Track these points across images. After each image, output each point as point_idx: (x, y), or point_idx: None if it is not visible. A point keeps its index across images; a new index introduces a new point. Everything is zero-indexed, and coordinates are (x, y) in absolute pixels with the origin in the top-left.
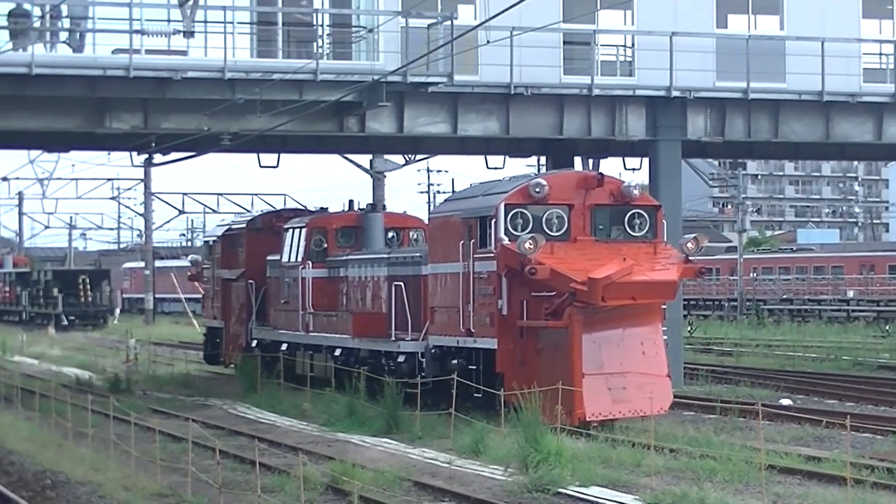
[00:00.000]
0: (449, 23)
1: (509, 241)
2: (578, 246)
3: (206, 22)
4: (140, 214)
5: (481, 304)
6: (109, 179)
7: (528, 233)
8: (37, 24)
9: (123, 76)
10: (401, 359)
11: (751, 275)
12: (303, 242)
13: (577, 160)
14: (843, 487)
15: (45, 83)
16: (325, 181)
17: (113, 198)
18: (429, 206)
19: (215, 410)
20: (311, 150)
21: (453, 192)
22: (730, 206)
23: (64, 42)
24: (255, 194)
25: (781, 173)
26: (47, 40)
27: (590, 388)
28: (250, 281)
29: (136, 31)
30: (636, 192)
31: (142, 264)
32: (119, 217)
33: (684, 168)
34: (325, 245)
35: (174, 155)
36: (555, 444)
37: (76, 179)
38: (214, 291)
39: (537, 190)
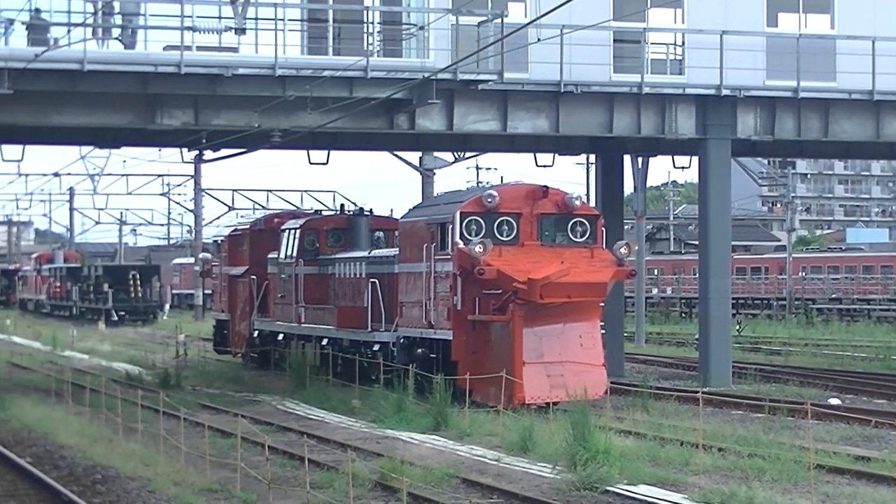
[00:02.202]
0: (499, 20)
1: (464, 245)
2: (525, 250)
3: (257, 19)
4: (190, 210)
5: (440, 300)
6: (160, 175)
7: (481, 238)
8: (90, 21)
9: (175, 73)
10: (376, 347)
11: (800, 274)
12: (297, 242)
13: (627, 158)
14: (892, 487)
15: (97, 79)
16: (375, 178)
17: (163, 194)
18: None
19: (264, 406)
20: (360, 147)
21: None
22: (779, 205)
23: (116, 38)
24: (305, 191)
25: (831, 172)
26: (100, 37)
27: (529, 375)
28: (253, 277)
29: (188, 28)
30: (578, 202)
31: (191, 260)
32: (169, 213)
33: (733, 167)
34: (317, 245)
35: (224, 151)
36: (603, 443)
37: (127, 175)
38: (222, 287)
39: (489, 200)
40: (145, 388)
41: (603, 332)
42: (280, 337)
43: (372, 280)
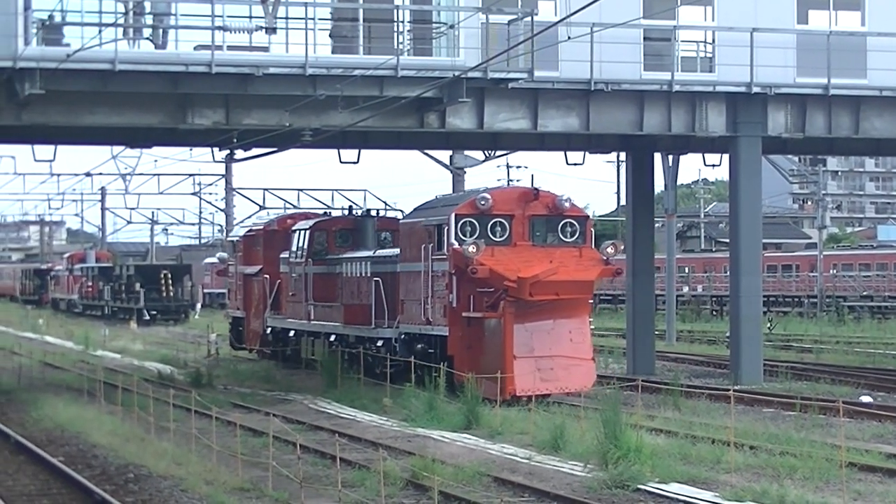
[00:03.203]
0: (529, 19)
1: (459, 245)
2: (517, 250)
3: (287, 18)
4: (221, 210)
5: (437, 298)
6: (191, 175)
7: (474, 239)
8: (121, 21)
9: (205, 72)
10: (379, 343)
11: (831, 271)
12: (307, 242)
13: (657, 156)
14: None
15: (128, 79)
16: (406, 177)
17: (194, 193)
18: None
19: (296, 405)
20: (391, 145)
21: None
22: (810, 203)
23: (147, 38)
24: (336, 190)
25: (862, 170)
26: (131, 37)
27: (520, 368)
28: (266, 276)
29: (219, 28)
30: (567, 204)
31: None
32: (200, 212)
33: (764, 164)
34: (326, 245)
35: (255, 151)
36: (635, 441)
37: (158, 175)
38: (237, 285)
39: (482, 203)
40: (177, 388)
41: (592, 327)
42: (291, 333)
43: (375, 279)
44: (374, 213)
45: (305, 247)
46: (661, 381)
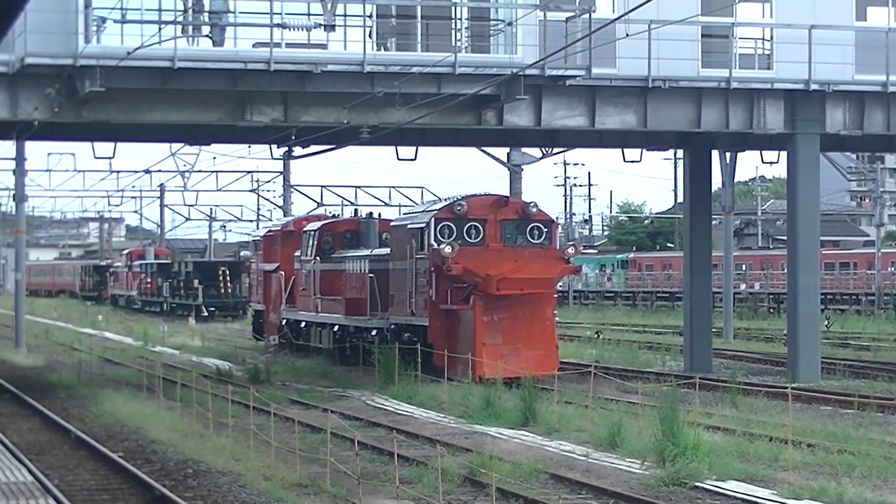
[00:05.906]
0: (587, 16)
1: (437, 246)
2: (488, 250)
3: (345, 15)
4: (279, 207)
5: (420, 293)
6: (249, 172)
7: (450, 240)
8: (180, 19)
9: (264, 69)
10: (373, 333)
11: (888, 269)
12: (315, 242)
13: (715, 153)
14: None
15: (188, 77)
16: (463, 174)
17: (252, 190)
18: (565, 199)
19: (353, 401)
20: (448, 142)
21: (589, 185)
22: (868, 200)
23: (206, 36)
24: (393, 187)
25: None
26: (190, 34)
27: (488, 354)
28: (282, 272)
29: (277, 25)
30: (534, 210)
31: None
32: (258, 209)
33: (822, 161)
34: (332, 244)
35: (313, 147)
36: (692, 438)
37: (216, 172)
38: (258, 281)
39: (458, 208)
40: (235, 384)
41: (558, 319)
42: (302, 325)
43: (370, 275)
44: (375, 215)
45: (314, 246)
46: (719, 378)
